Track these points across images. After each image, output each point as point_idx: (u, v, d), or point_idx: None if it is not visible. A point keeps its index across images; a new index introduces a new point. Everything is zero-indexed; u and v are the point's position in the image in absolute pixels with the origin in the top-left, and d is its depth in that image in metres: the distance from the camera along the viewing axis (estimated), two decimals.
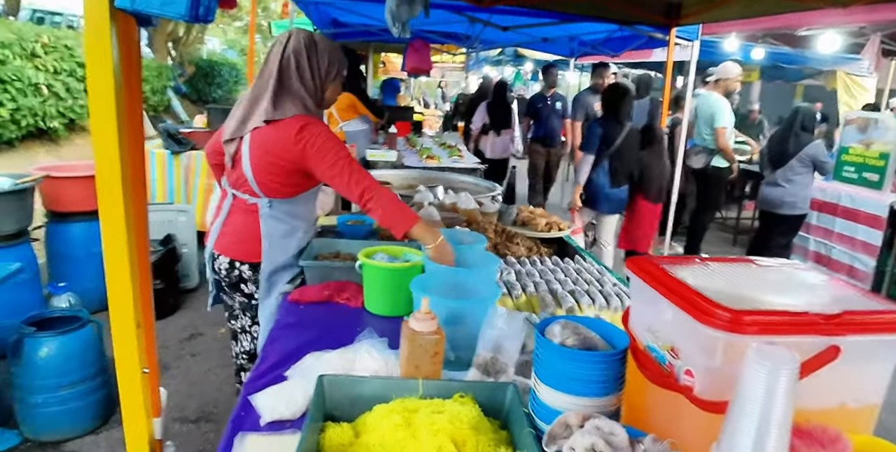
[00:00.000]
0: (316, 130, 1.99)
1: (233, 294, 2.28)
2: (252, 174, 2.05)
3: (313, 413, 1.11)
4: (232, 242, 2.19)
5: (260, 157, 2.02)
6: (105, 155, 1.05)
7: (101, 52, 1.03)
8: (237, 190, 2.14)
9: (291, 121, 1.98)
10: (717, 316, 0.87)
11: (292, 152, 1.98)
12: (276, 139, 1.99)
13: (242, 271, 2.20)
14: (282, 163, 2.01)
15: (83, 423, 2.82)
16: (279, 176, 2.05)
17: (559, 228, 2.84)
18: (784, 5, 3.51)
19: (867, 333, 0.88)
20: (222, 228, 2.21)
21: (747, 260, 1.16)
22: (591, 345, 1.11)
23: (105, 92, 1.05)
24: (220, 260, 2.21)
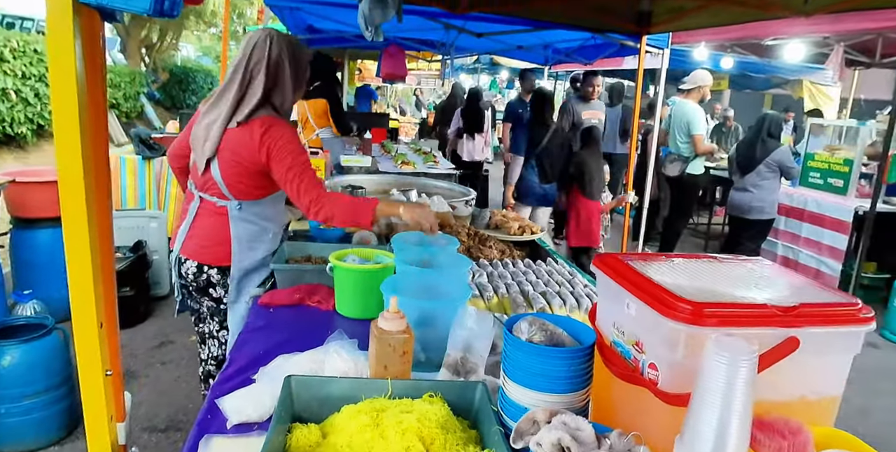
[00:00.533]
0: (281, 132, 1.98)
1: (200, 298, 2.25)
2: (221, 176, 2.02)
3: (280, 413, 1.09)
4: (200, 246, 2.15)
5: (228, 159, 2.00)
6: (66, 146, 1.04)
7: (64, 48, 1.02)
8: (205, 192, 2.11)
9: (259, 121, 1.97)
10: (679, 310, 0.88)
11: (257, 153, 1.97)
12: (244, 141, 1.97)
13: (211, 275, 2.16)
14: (247, 164, 2.00)
15: (47, 434, 2.75)
16: (246, 177, 2.04)
17: (532, 231, 2.85)
18: (749, 14, 3.60)
19: (824, 325, 0.90)
20: (189, 232, 2.17)
21: (710, 256, 1.18)
22: (559, 342, 1.11)
23: (68, 89, 1.03)
24: (187, 265, 2.17)
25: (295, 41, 2.08)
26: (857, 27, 6.13)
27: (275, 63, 1.98)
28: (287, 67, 2.01)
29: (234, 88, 1.97)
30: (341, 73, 10.48)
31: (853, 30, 6.41)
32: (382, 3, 2.62)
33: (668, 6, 3.95)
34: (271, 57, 1.97)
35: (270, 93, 2.01)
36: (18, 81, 7.58)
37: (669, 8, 3.97)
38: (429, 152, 6.38)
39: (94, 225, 1.15)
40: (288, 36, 2.07)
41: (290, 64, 2.02)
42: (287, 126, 2.04)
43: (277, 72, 1.99)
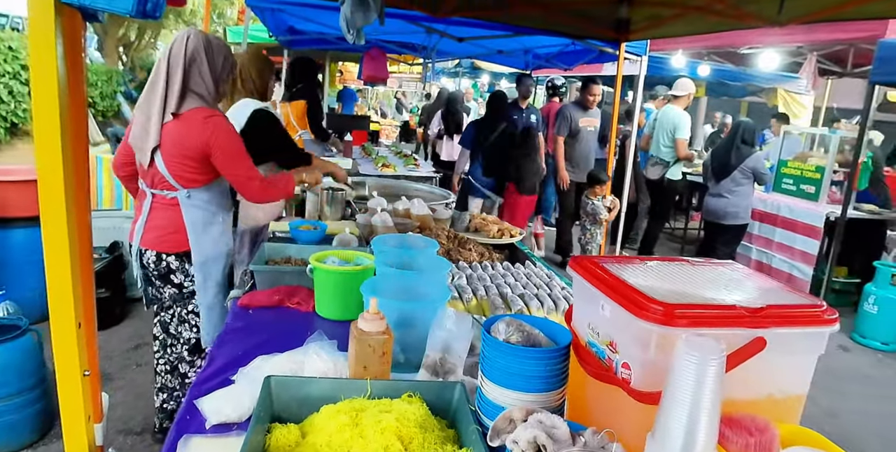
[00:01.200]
0: (222, 122, 2.21)
1: (162, 286, 2.41)
2: (166, 168, 2.20)
3: (259, 413, 1.10)
4: (156, 237, 2.32)
5: (171, 151, 2.17)
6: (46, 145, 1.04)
7: (45, 47, 1.02)
8: (155, 188, 2.28)
9: (195, 111, 2.17)
10: (651, 310, 0.91)
11: (200, 138, 2.16)
12: (183, 132, 2.16)
13: (170, 262, 2.35)
14: (190, 153, 2.18)
15: (19, 437, 2.71)
16: (190, 167, 2.21)
17: (511, 235, 2.88)
18: (725, 24, 3.67)
19: (790, 326, 0.94)
20: (146, 225, 2.34)
21: (684, 260, 1.21)
22: (535, 342, 1.14)
23: (48, 88, 1.03)
24: (147, 255, 2.36)
25: (213, 38, 2.29)
26: (829, 37, 6.29)
27: (191, 57, 2.17)
28: (204, 60, 2.20)
29: (159, 85, 2.15)
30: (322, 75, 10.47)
31: (826, 40, 6.57)
32: (364, 6, 2.63)
33: (645, 14, 4.02)
34: (187, 52, 2.17)
35: (189, 83, 2.19)
36: None
37: (647, 16, 4.04)
38: (409, 155, 6.39)
39: (74, 225, 1.15)
40: (207, 34, 2.28)
41: (206, 56, 2.20)
42: (221, 116, 2.25)
43: (193, 64, 2.19)
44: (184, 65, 2.15)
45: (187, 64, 2.16)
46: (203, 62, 2.20)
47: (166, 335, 2.56)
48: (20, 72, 8.00)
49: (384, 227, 2.60)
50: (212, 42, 2.24)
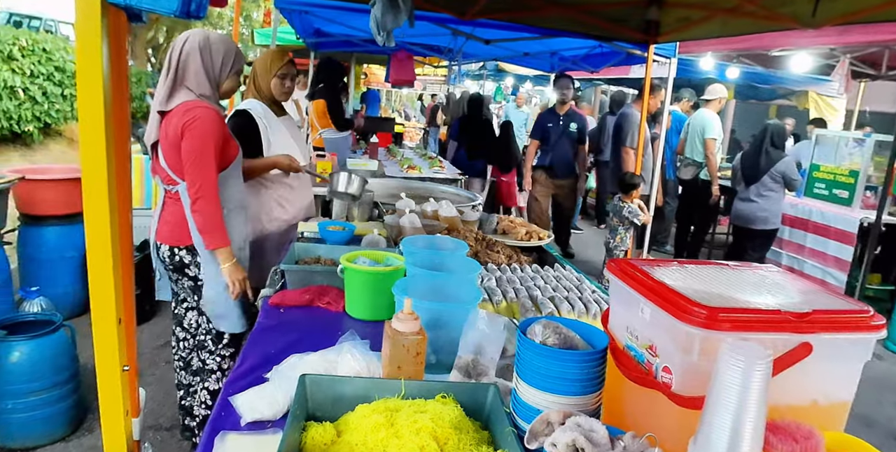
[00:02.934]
0: (204, 113, 2.22)
1: (178, 279, 2.48)
2: (165, 162, 2.28)
3: (295, 411, 1.11)
4: (168, 231, 2.40)
5: (165, 145, 2.26)
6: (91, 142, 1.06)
7: (92, 47, 1.04)
8: (164, 183, 2.37)
9: (182, 105, 2.22)
10: (694, 314, 0.89)
11: (179, 127, 2.20)
12: (171, 124, 2.22)
13: (182, 256, 2.40)
14: (177, 143, 2.22)
15: (53, 430, 2.76)
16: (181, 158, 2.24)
17: (539, 237, 2.87)
18: (757, 25, 3.62)
19: (837, 331, 0.92)
20: (159, 220, 2.44)
21: (722, 263, 1.20)
22: (572, 345, 1.13)
23: (94, 87, 1.05)
24: (162, 249, 2.44)
25: (215, 38, 2.35)
26: (863, 39, 6.18)
27: (186, 54, 2.26)
28: (198, 58, 2.27)
29: (162, 81, 2.27)
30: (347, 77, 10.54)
31: (860, 42, 6.45)
32: (394, 8, 2.65)
33: (676, 16, 3.99)
34: (183, 51, 2.25)
35: (183, 78, 2.27)
36: (27, 80, 7.63)
37: (677, 17, 4.00)
38: (434, 157, 6.40)
39: (116, 223, 1.17)
40: (209, 34, 2.35)
41: (202, 54, 2.28)
42: (207, 109, 2.25)
43: (188, 61, 2.26)
44: (178, 63, 2.24)
45: (182, 62, 2.25)
46: (197, 59, 2.26)
47: (179, 328, 2.63)
48: (54, 73, 8.19)
49: (412, 229, 2.61)
50: (210, 40, 2.30)
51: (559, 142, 6.00)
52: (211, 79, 2.32)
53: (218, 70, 2.34)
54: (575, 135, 6.03)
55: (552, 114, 6.07)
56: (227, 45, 2.36)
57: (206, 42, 2.29)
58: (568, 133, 5.99)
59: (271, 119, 2.89)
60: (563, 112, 5.98)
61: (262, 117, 2.85)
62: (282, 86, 2.87)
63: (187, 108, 2.22)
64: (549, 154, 6.04)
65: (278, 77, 2.85)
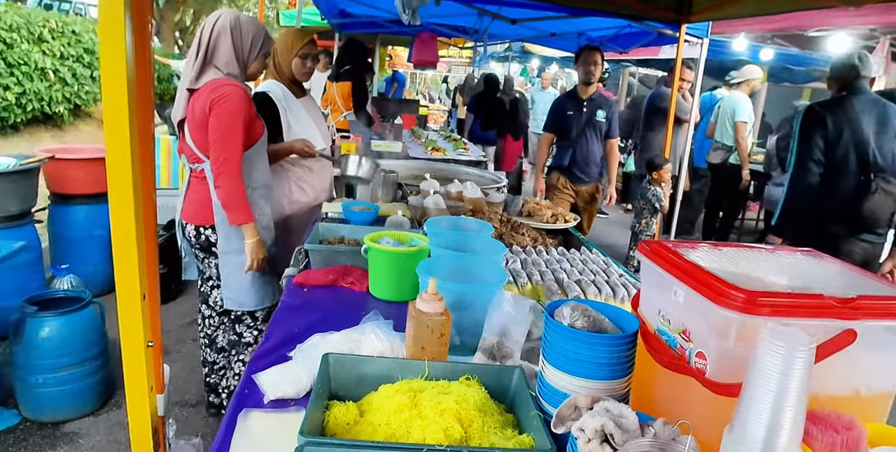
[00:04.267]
0: (230, 91, 2.24)
1: (205, 257, 2.53)
2: (192, 140, 2.32)
3: (318, 390, 1.10)
4: (193, 210, 2.45)
5: (192, 123, 2.29)
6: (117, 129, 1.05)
7: (115, 25, 1.02)
8: (190, 162, 2.41)
9: (210, 84, 2.25)
10: (732, 297, 0.86)
11: (206, 105, 2.23)
12: (199, 102, 2.25)
13: (208, 235, 2.45)
14: (203, 121, 2.25)
15: (82, 405, 2.82)
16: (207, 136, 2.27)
17: (565, 220, 2.82)
18: (796, 3, 3.50)
19: (883, 318, 0.87)
20: (185, 199, 2.49)
21: (758, 246, 1.15)
22: (601, 328, 1.10)
23: (118, 71, 1.04)
24: (188, 229, 2.49)
25: (244, 18, 2.37)
26: None
27: (217, 34, 2.28)
28: (229, 37, 2.29)
29: (191, 60, 2.29)
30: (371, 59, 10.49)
31: None
32: None
33: None
34: (214, 29, 2.28)
35: (213, 59, 2.30)
36: (57, 61, 7.71)
37: None
38: (458, 139, 6.35)
39: (140, 198, 1.16)
40: (239, 14, 2.37)
41: (232, 34, 2.30)
42: (234, 88, 2.27)
43: (218, 41, 2.29)
44: (209, 42, 2.27)
45: (213, 41, 2.27)
46: (227, 39, 2.29)
47: (205, 306, 2.69)
48: (83, 55, 8.27)
49: (437, 210, 2.58)
50: (241, 21, 2.33)
51: (582, 136, 4.44)
52: (240, 60, 2.34)
53: (247, 51, 2.36)
54: (603, 125, 4.46)
55: (572, 98, 4.47)
56: (256, 27, 2.38)
57: (237, 22, 2.31)
58: (594, 123, 4.42)
59: (290, 101, 2.88)
60: (587, 95, 4.38)
61: (282, 100, 2.84)
62: (303, 66, 2.85)
63: (215, 86, 2.24)
64: (569, 151, 4.48)
65: (300, 57, 2.82)
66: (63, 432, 2.71)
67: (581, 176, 4.51)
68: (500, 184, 3.60)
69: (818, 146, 2.98)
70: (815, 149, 2.98)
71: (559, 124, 4.50)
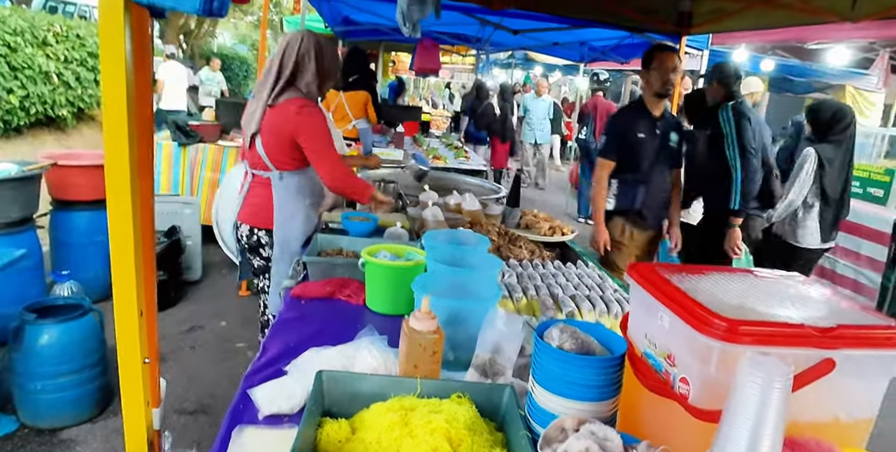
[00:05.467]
0: (313, 112, 2.42)
1: (252, 257, 2.70)
2: (264, 150, 2.45)
3: (311, 407, 1.12)
4: (251, 213, 2.60)
5: (268, 135, 2.43)
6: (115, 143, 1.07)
7: (115, 43, 1.05)
8: (255, 169, 2.55)
9: (291, 102, 2.40)
10: (713, 325, 0.88)
11: (290, 125, 2.38)
12: (279, 118, 2.40)
13: (260, 236, 2.61)
14: (284, 137, 2.41)
15: (80, 412, 2.84)
16: (284, 150, 2.44)
17: (562, 232, 2.85)
18: (795, 18, 3.52)
19: (861, 348, 0.89)
20: (244, 201, 2.64)
21: (747, 270, 1.17)
22: (589, 350, 1.12)
23: (117, 84, 1.06)
24: (242, 228, 2.65)
25: (323, 40, 2.50)
26: None
27: (302, 56, 2.42)
28: (312, 59, 2.44)
29: (271, 78, 2.42)
30: (375, 65, 10.54)
31: None
32: (421, 0, 2.63)
33: (709, 7, 3.90)
34: (300, 51, 2.41)
35: (295, 79, 2.44)
36: (60, 65, 7.76)
37: (711, 9, 3.92)
38: (460, 147, 6.38)
39: (138, 215, 1.18)
40: (318, 35, 2.51)
41: (316, 57, 2.44)
42: (315, 107, 2.47)
43: (303, 63, 2.43)
44: (295, 62, 2.40)
45: (298, 61, 2.41)
46: (312, 62, 2.43)
47: (265, 295, 2.81)
48: (87, 59, 8.32)
49: (435, 222, 2.61)
50: (322, 45, 2.47)
51: (655, 167, 3.37)
52: (320, 80, 2.50)
53: (329, 74, 2.53)
54: (674, 152, 3.44)
55: (641, 115, 3.34)
56: (334, 51, 2.57)
57: (320, 46, 2.46)
58: (667, 149, 3.38)
59: None
60: (659, 112, 3.33)
61: None
62: None
63: (299, 105, 2.39)
64: (639, 188, 3.38)
65: None
66: (61, 439, 2.73)
67: (650, 221, 3.47)
68: (498, 194, 3.62)
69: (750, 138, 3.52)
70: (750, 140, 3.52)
71: (628, 150, 3.32)
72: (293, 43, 2.42)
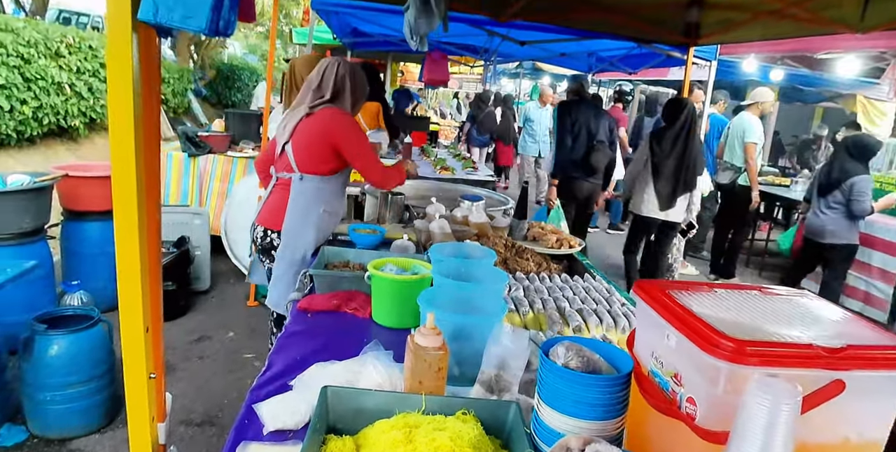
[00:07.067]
0: (349, 120, 2.62)
1: (265, 259, 2.77)
2: (292, 152, 2.59)
3: (315, 424, 1.11)
4: (267, 214, 2.71)
5: (299, 138, 2.59)
6: (122, 162, 1.08)
7: (122, 61, 1.06)
8: (280, 172, 2.68)
9: (324, 111, 2.59)
10: (721, 346, 0.87)
11: (327, 131, 2.55)
12: (317, 124, 2.57)
13: (273, 238, 2.69)
14: (321, 141, 2.56)
15: (89, 422, 2.85)
16: (315, 153, 2.58)
17: (570, 245, 2.83)
18: (803, 29, 3.51)
19: (872, 369, 0.88)
20: (264, 205, 2.75)
21: (756, 287, 1.16)
22: (595, 368, 1.11)
23: (124, 100, 1.07)
24: (257, 230, 2.75)
25: (357, 69, 2.74)
26: None
27: (341, 80, 2.64)
28: (348, 84, 2.66)
29: (308, 97, 2.62)
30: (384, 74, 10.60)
31: None
32: (428, 13, 2.64)
33: (717, 18, 3.89)
34: (338, 76, 2.63)
35: (337, 98, 2.64)
36: (73, 76, 7.83)
37: (719, 20, 3.91)
38: (468, 158, 6.38)
39: (145, 229, 1.19)
40: (353, 65, 2.75)
41: (351, 82, 2.67)
42: (349, 116, 2.66)
43: (343, 85, 2.65)
44: (334, 84, 2.62)
45: (338, 85, 2.63)
46: (348, 85, 2.66)
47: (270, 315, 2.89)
48: (99, 69, 8.39)
49: (442, 234, 2.61)
50: (356, 71, 2.71)
51: None
52: (354, 102, 2.72)
53: (359, 94, 2.74)
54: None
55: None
56: (363, 75, 2.77)
57: (354, 72, 2.69)
58: None
59: None
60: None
61: None
62: None
63: (334, 114, 2.59)
64: None
65: None
66: (69, 449, 2.74)
67: None
68: (506, 205, 3.62)
69: (567, 125, 5.06)
70: (566, 127, 5.07)
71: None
72: (331, 68, 2.64)
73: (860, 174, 4.74)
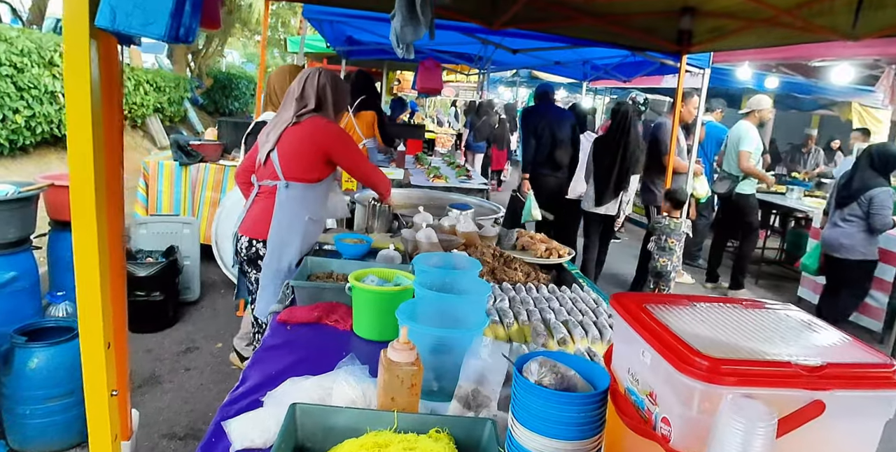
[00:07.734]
0: (337, 128, 2.64)
1: (250, 270, 2.73)
2: (278, 159, 2.57)
3: (279, 444, 1.07)
4: (251, 223, 2.66)
5: (286, 146, 2.56)
6: (80, 173, 1.04)
7: (80, 69, 1.03)
8: (263, 180, 2.65)
9: (312, 119, 2.58)
10: (695, 364, 0.83)
11: (317, 139, 2.56)
12: (301, 133, 2.56)
13: (258, 248, 2.66)
14: (305, 149, 2.56)
15: (69, 436, 2.79)
16: (301, 160, 2.56)
17: (559, 254, 2.79)
18: (796, 37, 3.49)
19: (853, 388, 0.84)
20: (246, 214, 2.71)
21: (736, 301, 1.12)
22: (570, 385, 1.06)
23: (82, 109, 1.04)
24: (241, 240, 2.70)
25: (338, 78, 2.73)
26: None
27: (321, 89, 2.63)
28: (330, 93, 2.65)
29: (292, 107, 2.59)
30: (379, 83, 10.60)
31: None
32: (414, 21, 2.61)
33: (709, 26, 3.88)
34: (319, 85, 2.62)
35: (320, 107, 2.63)
36: None
37: (711, 27, 3.89)
38: (462, 166, 6.36)
39: (105, 243, 1.15)
40: (334, 74, 2.73)
41: (332, 91, 2.66)
42: (336, 125, 2.68)
43: (324, 95, 2.63)
44: (316, 94, 2.61)
45: (320, 94, 2.62)
46: (330, 94, 2.65)
47: (257, 325, 2.83)
48: None
49: (429, 244, 2.56)
50: (337, 81, 2.71)
51: None
52: (336, 110, 2.72)
53: (343, 103, 2.76)
54: None
55: None
56: (345, 84, 2.80)
57: (335, 81, 2.69)
58: None
59: None
60: None
61: None
62: None
63: (325, 123, 2.61)
64: None
65: None
66: None
67: None
68: (497, 214, 3.59)
69: (531, 128, 5.72)
70: (530, 129, 5.72)
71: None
72: (311, 78, 2.63)
73: (881, 186, 4.56)
